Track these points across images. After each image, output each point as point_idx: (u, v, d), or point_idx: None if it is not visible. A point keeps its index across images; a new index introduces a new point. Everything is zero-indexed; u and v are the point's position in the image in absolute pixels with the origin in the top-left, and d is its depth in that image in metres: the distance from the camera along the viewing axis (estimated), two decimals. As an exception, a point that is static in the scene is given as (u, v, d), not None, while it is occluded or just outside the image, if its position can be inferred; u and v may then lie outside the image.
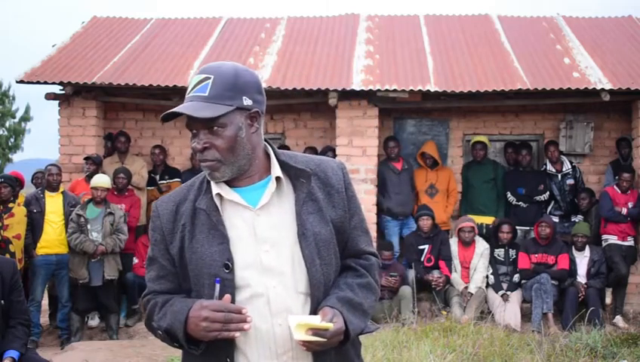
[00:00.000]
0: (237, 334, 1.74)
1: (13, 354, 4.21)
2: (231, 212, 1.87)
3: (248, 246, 1.84)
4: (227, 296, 1.77)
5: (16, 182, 7.28)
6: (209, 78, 1.81)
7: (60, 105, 8.41)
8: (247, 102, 1.83)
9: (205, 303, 1.76)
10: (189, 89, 1.83)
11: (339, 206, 1.92)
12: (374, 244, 8.20)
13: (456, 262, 7.93)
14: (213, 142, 1.81)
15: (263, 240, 1.84)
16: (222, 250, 1.81)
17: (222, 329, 1.73)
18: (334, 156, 8.08)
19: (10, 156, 23.95)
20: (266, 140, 1.93)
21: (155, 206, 1.97)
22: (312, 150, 8.44)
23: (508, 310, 7.48)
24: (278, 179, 1.88)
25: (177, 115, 1.81)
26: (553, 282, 7.60)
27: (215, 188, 1.86)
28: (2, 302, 4.28)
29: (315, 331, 1.74)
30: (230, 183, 1.88)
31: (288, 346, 1.84)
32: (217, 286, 1.79)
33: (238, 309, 1.74)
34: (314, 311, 1.84)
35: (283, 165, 1.90)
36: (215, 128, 1.80)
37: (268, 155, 1.93)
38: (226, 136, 1.81)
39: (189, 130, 1.85)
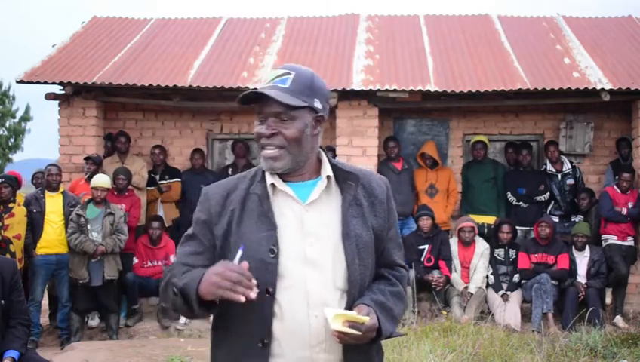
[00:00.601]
0: (241, 298, 1.76)
1: (14, 354, 4.21)
2: (281, 202, 1.96)
3: (294, 237, 1.92)
4: (245, 263, 1.82)
5: (15, 182, 7.28)
6: (290, 74, 1.93)
7: (60, 105, 8.41)
8: (317, 104, 1.95)
9: (222, 261, 1.85)
10: (268, 80, 1.94)
11: (380, 215, 2.03)
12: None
13: (456, 262, 7.93)
14: (282, 130, 1.91)
15: (309, 234, 1.93)
16: (269, 236, 1.90)
17: (230, 288, 1.76)
18: (334, 156, 8.09)
19: (10, 156, 23.95)
20: (320, 146, 2.04)
21: (205, 190, 2.08)
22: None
23: (508, 310, 7.48)
24: (328, 178, 1.99)
25: (255, 98, 1.91)
26: (553, 282, 7.60)
27: (269, 179, 1.96)
28: (2, 301, 4.28)
29: (352, 323, 1.82)
30: (282, 177, 1.97)
31: (322, 338, 1.90)
32: (240, 251, 1.85)
33: (250, 277, 1.79)
34: (349, 308, 1.92)
35: (333, 168, 2.01)
36: (285, 118, 1.91)
37: (318, 160, 2.04)
38: (294, 127, 1.91)
39: (258, 115, 1.94)
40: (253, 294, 1.77)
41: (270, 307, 1.89)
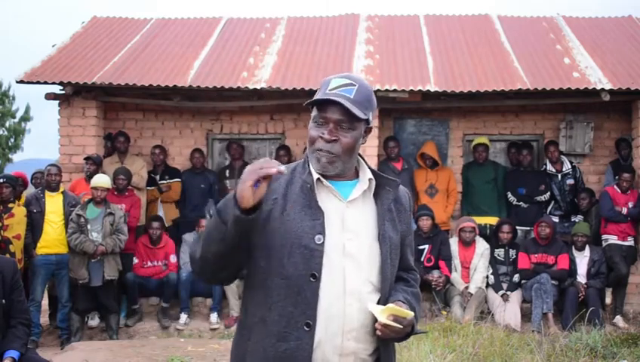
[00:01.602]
0: (273, 170, 1.83)
1: (14, 354, 4.21)
2: (324, 197, 2.05)
3: (335, 230, 2.01)
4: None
5: (17, 182, 7.29)
6: (354, 85, 2.02)
7: (60, 105, 8.41)
8: (371, 117, 2.07)
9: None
10: (331, 87, 2.01)
11: (404, 222, 2.18)
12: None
13: (456, 262, 7.92)
14: (341, 138, 2.00)
15: (349, 230, 2.03)
16: (314, 225, 1.99)
17: (260, 168, 1.83)
18: None
19: (10, 156, 23.94)
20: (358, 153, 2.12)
21: None
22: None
23: (508, 310, 7.48)
24: (369, 180, 2.10)
25: (323, 102, 1.99)
26: (553, 282, 7.61)
27: (315, 175, 2.04)
28: (3, 301, 4.28)
29: (396, 317, 1.95)
30: (324, 176, 2.06)
31: (355, 326, 2.00)
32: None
33: (277, 163, 1.87)
34: (383, 302, 2.04)
35: (372, 172, 2.13)
36: (345, 127, 2.00)
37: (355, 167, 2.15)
38: (351, 137, 2.01)
39: (319, 118, 2.01)
40: (283, 168, 1.85)
41: (316, 290, 1.97)
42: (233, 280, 2.15)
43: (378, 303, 2.02)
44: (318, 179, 2.04)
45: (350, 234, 2.03)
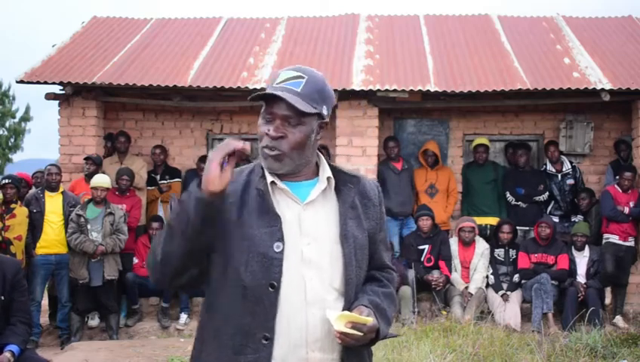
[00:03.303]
0: (239, 144, 1.78)
1: (14, 348, 4.21)
2: (281, 201, 1.95)
3: (292, 236, 1.91)
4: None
5: (21, 183, 7.30)
6: (303, 77, 1.90)
7: (60, 105, 8.41)
8: (325, 111, 1.95)
9: None
10: (279, 80, 1.91)
11: (373, 218, 2.05)
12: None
13: (456, 262, 7.92)
14: (288, 134, 1.90)
15: (306, 234, 1.93)
16: (272, 231, 1.89)
17: (224, 148, 1.79)
18: (327, 154, 8.14)
19: (10, 156, 23.95)
20: (318, 149, 2.04)
21: None
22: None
23: (508, 310, 7.48)
24: (328, 179, 1.99)
25: (266, 97, 1.90)
26: (553, 282, 7.61)
27: (269, 177, 1.95)
28: (2, 298, 4.28)
29: (354, 324, 1.84)
30: (280, 176, 1.96)
31: (318, 336, 1.90)
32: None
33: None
34: (346, 308, 1.93)
35: (333, 170, 2.01)
36: (293, 123, 1.89)
37: (316, 163, 2.04)
38: (299, 132, 1.90)
39: (266, 114, 1.92)
40: (248, 144, 1.79)
41: (275, 301, 1.87)
42: (195, 288, 2.03)
43: (343, 309, 1.92)
44: (273, 181, 1.94)
45: (308, 239, 1.92)
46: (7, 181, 7.00)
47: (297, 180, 1.97)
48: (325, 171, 1.99)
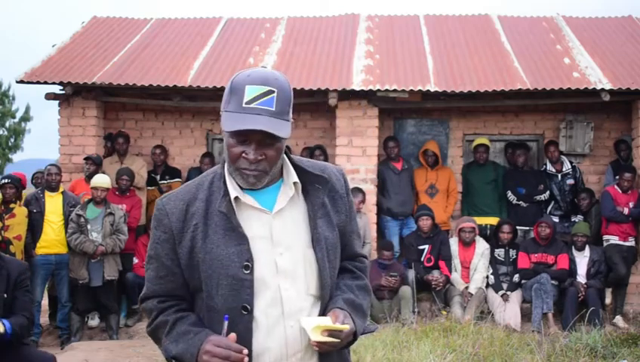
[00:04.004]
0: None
1: (5, 322, 4.19)
2: (246, 214, 1.88)
3: (264, 248, 1.87)
4: (232, 335, 1.79)
5: (19, 183, 7.30)
6: (273, 92, 1.80)
7: (60, 105, 8.41)
8: (291, 116, 1.88)
9: (210, 337, 1.80)
10: (250, 98, 1.78)
11: (342, 211, 2.00)
12: (374, 244, 8.17)
13: (456, 262, 7.92)
14: (267, 154, 1.83)
15: (278, 243, 1.88)
16: (240, 251, 1.83)
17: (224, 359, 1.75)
18: (323, 153, 8.14)
19: (10, 156, 23.96)
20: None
21: (161, 204, 1.94)
22: (307, 150, 8.40)
23: (508, 310, 7.48)
24: (294, 184, 1.92)
25: (247, 132, 1.78)
26: (553, 282, 7.61)
27: (232, 192, 1.87)
28: (5, 295, 4.30)
29: (331, 332, 1.81)
30: (242, 187, 1.89)
31: (298, 347, 1.88)
32: (226, 323, 1.80)
33: (239, 349, 1.76)
34: (323, 313, 1.91)
35: (297, 170, 1.95)
36: (270, 142, 1.81)
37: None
38: (277, 149, 1.84)
39: (241, 138, 1.81)
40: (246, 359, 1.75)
41: (249, 324, 1.84)
42: None
43: (319, 313, 1.90)
44: (237, 197, 1.86)
45: (280, 248, 1.88)
46: (6, 181, 7.01)
47: (261, 187, 1.90)
48: (291, 176, 1.93)
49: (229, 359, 1.74)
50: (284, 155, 1.94)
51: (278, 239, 1.88)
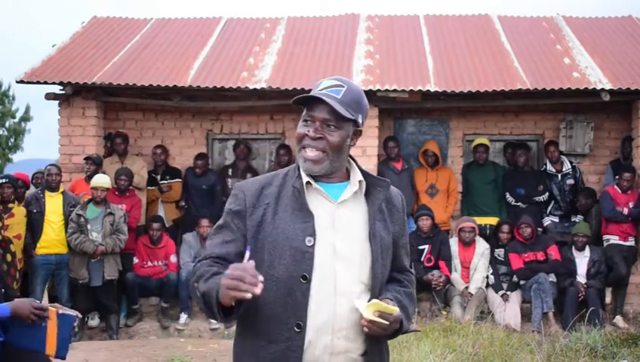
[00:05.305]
0: (248, 295, 1.80)
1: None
2: (314, 200, 2.08)
3: (325, 232, 2.04)
4: (251, 262, 1.88)
5: (19, 183, 7.29)
6: (343, 86, 2.06)
7: (60, 105, 8.41)
8: (360, 120, 2.11)
9: (232, 265, 1.88)
10: (320, 87, 2.07)
11: (397, 223, 2.20)
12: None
13: (456, 262, 7.92)
14: (327, 136, 2.05)
15: (339, 230, 2.06)
16: (306, 227, 2.02)
17: (235, 287, 1.81)
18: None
19: (10, 156, 23.94)
20: (349, 155, 2.17)
21: (239, 184, 2.18)
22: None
23: (508, 310, 7.49)
24: (360, 182, 2.13)
25: (309, 99, 2.04)
26: (552, 280, 7.60)
27: (305, 178, 2.08)
28: (3, 290, 4.28)
29: (382, 313, 1.96)
30: (314, 178, 2.09)
31: (344, 325, 2.03)
32: (247, 252, 1.93)
33: (255, 274, 1.82)
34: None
35: (363, 174, 2.16)
36: (332, 126, 2.04)
37: (347, 168, 2.19)
38: (337, 136, 2.05)
39: (307, 116, 2.06)
40: (257, 290, 1.81)
41: (306, 291, 1.99)
42: None
43: (368, 301, 2.03)
44: (308, 182, 2.07)
45: (341, 235, 2.05)
46: (4, 181, 7.01)
47: (330, 182, 2.11)
48: (357, 175, 2.13)
49: (243, 280, 1.81)
50: (351, 161, 2.16)
51: (339, 227, 2.06)
